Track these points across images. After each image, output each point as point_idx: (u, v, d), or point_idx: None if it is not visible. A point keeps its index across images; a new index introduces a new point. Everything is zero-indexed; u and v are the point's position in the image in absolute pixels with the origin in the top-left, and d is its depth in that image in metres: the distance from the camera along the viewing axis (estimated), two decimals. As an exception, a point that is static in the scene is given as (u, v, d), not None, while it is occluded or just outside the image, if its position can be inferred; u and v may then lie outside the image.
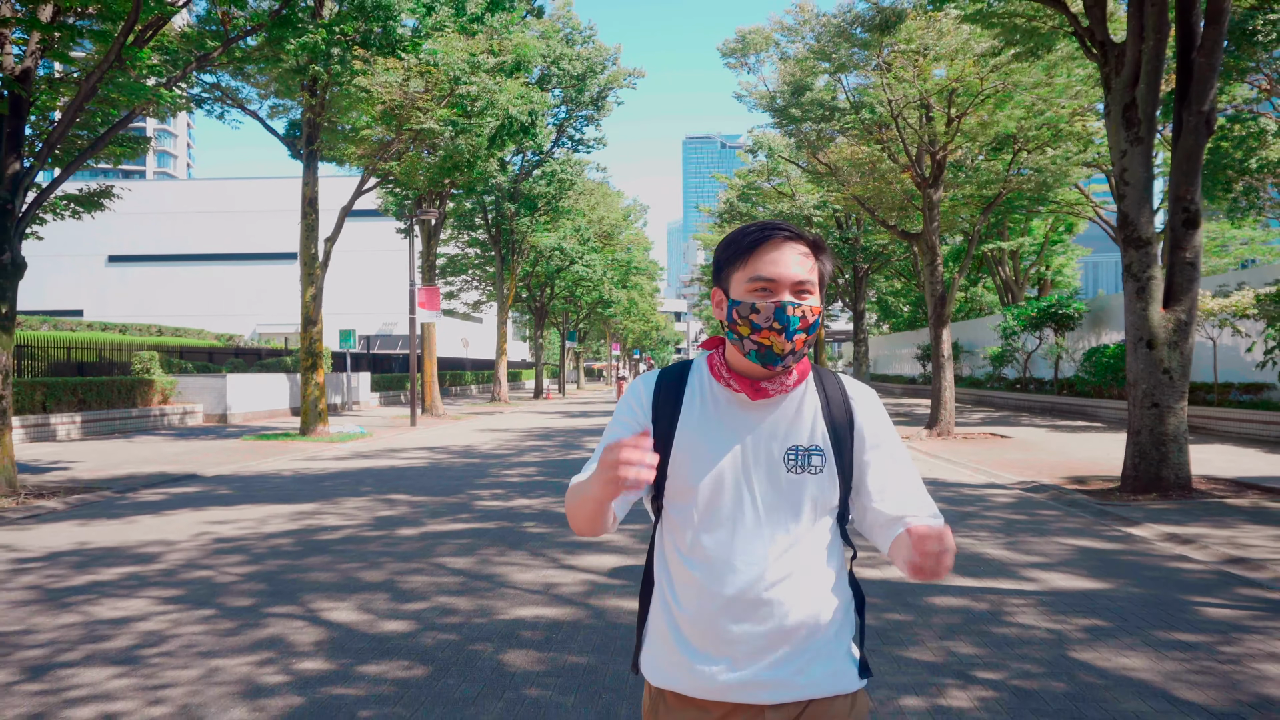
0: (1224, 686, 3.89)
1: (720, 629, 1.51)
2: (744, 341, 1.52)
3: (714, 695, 1.51)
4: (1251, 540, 7.04)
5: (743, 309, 1.51)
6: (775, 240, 1.52)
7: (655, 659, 1.59)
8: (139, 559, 6.69)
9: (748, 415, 1.56)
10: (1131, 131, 9.90)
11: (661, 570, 1.62)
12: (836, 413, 1.60)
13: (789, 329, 1.49)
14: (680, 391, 1.60)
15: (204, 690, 3.89)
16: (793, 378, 1.57)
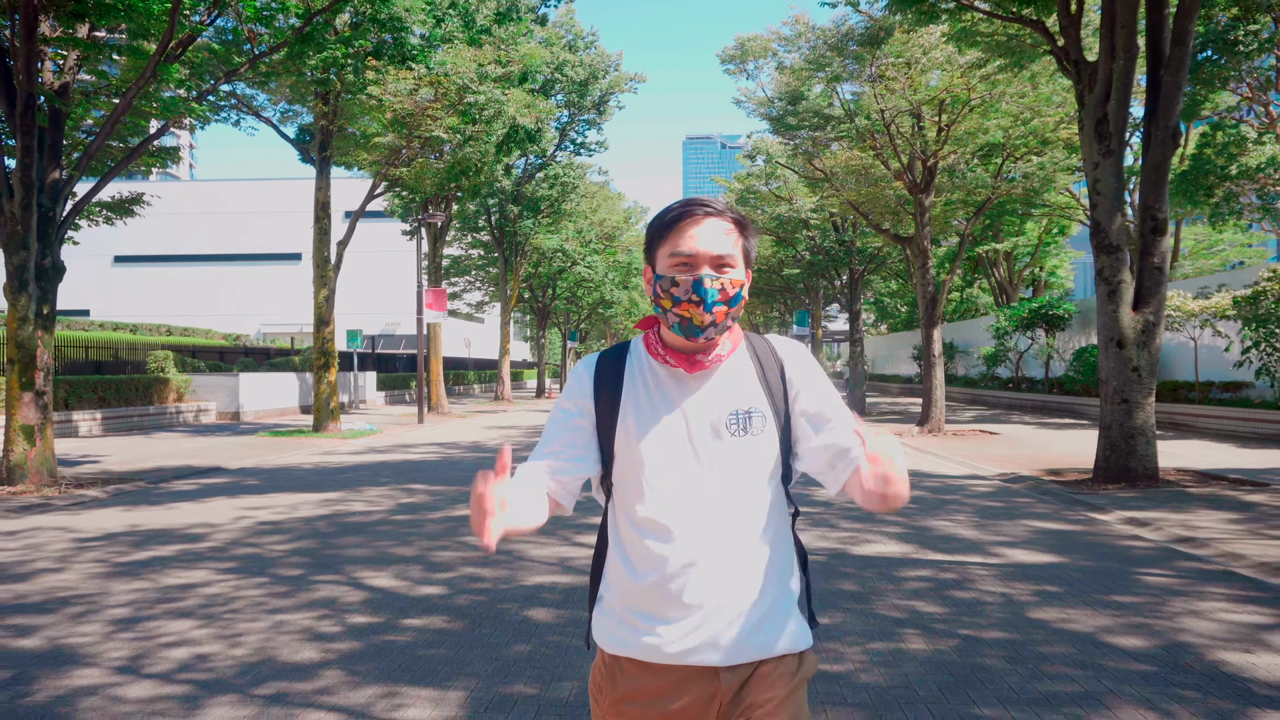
0: (1145, 634, 4.56)
1: (672, 595, 1.55)
2: (667, 315, 1.57)
3: (670, 660, 1.56)
4: (1202, 523, 7.71)
5: (664, 283, 1.56)
6: (695, 217, 1.55)
7: (610, 628, 1.63)
8: (189, 538, 7.37)
9: (686, 387, 1.61)
10: (1103, 145, 10.57)
11: (614, 544, 1.65)
12: (769, 372, 1.65)
13: (707, 301, 1.52)
14: (620, 371, 1.65)
15: (275, 637, 4.57)
16: (725, 347, 1.62)
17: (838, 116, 19.20)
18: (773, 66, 22.71)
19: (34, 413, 10.80)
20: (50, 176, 10.97)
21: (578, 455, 1.62)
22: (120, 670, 4.09)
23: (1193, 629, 4.67)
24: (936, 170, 18.73)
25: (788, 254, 33.31)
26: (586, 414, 1.63)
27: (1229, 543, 6.87)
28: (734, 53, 25.35)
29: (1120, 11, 10.25)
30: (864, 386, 30.17)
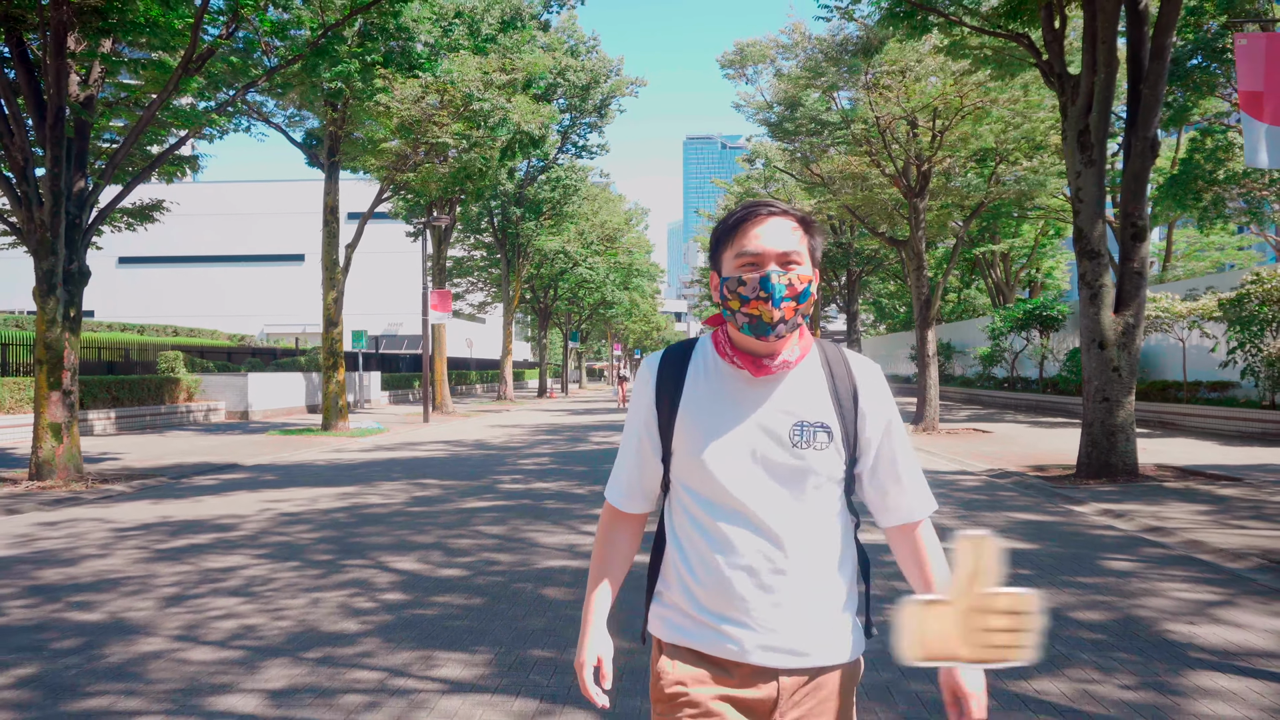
0: (1103, 609, 5.03)
1: (734, 597, 1.54)
2: (736, 316, 1.55)
3: (731, 656, 1.55)
4: (1173, 514, 8.19)
5: (731, 284, 1.55)
6: (759, 216, 1.55)
7: (672, 616, 1.62)
8: (220, 528, 7.85)
9: (753, 391, 1.59)
10: (1085, 155, 11.05)
11: (673, 542, 1.64)
12: (841, 388, 1.62)
13: (774, 296, 1.51)
14: (683, 369, 1.64)
15: (314, 611, 5.05)
16: (795, 354, 1.60)
17: (834, 123, 19.67)
18: (771, 73, 23.18)
19: (61, 411, 11.27)
20: (76, 185, 11.46)
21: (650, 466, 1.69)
22: (179, 638, 4.57)
23: (1147, 605, 5.14)
24: (931, 175, 19.20)
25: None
26: (651, 418, 1.66)
27: (1194, 532, 7.35)
28: (734, 58, 25.83)
29: (1101, 28, 10.72)
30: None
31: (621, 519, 1.73)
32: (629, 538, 1.74)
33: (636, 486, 1.70)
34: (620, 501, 1.72)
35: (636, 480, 1.70)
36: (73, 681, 3.95)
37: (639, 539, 1.76)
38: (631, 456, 1.70)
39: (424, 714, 3.53)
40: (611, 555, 1.73)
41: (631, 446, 1.70)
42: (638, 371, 1.73)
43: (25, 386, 18.17)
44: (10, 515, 8.84)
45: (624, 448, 1.72)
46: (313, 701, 3.67)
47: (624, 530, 1.74)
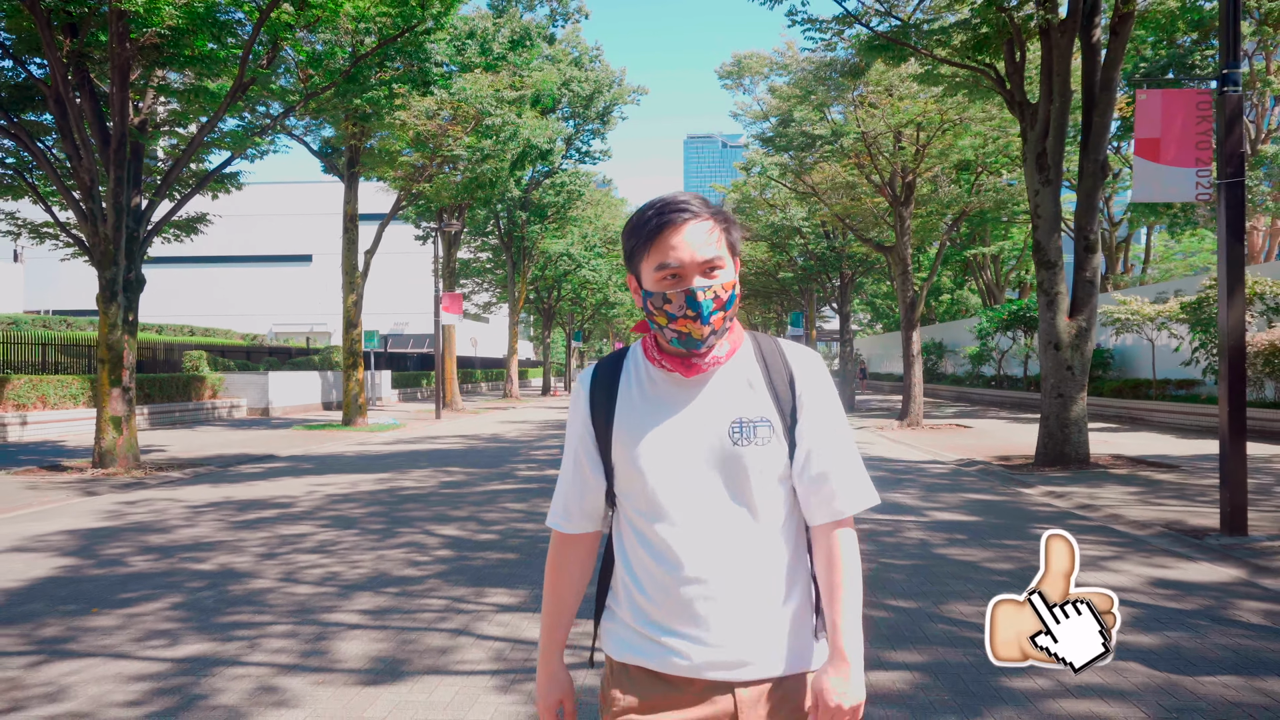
0: (1013, 562, 6.27)
1: (682, 610, 1.49)
2: (664, 330, 1.50)
3: (683, 673, 1.50)
4: (1106, 494, 9.43)
5: (656, 300, 1.49)
6: (675, 224, 1.46)
7: (621, 635, 1.57)
8: (280, 505, 9.10)
9: (685, 392, 1.54)
10: (1043, 175, 12.28)
11: (620, 556, 1.60)
12: (777, 379, 1.56)
13: (703, 314, 1.46)
14: (615, 381, 1.59)
15: (380, 563, 6.30)
16: (724, 349, 1.54)
17: (824, 136, 20.89)
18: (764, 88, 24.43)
19: (122, 405, 12.53)
20: (133, 201, 12.70)
21: (592, 484, 1.61)
22: (282, 579, 5.82)
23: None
24: (915, 185, 20.44)
25: (782, 259, 35.04)
26: (588, 434, 1.60)
27: (1118, 508, 8.59)
28: (731, 69, 27.10)
29: (1056, 61, 11.95)
30: (854, 384, 31.92)
31: (569, 543, 1.65)
32: (579, 563, 1.66)
33: (577, 506, 1.62)
34: (563, 524, 1.64)
35: (577, 500, 1.62)
36: (212, 606, 5.21)
37: (591, 563, 1.67)
38: (570, 476, 1.63)
39: (484, 624, 4.78)
40: (563, 583, 1.65)
41: (569, 466, 1.63)
42: (573, 389, 1.66)
43: (66, 384, 19.42)
44: (91, 496, 10.09)
45: (563, 469, 1.65)
46: (399, 617, 4.93)
47: (573, 555, 1.65)
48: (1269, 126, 23.40)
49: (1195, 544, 6.88)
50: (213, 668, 4.10)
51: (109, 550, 6.90)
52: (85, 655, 4.31)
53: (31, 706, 3.65)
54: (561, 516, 1.64)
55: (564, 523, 1.64)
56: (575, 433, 1.62)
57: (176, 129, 15.21)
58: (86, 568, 6.28)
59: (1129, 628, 4.58)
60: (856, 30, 13.68)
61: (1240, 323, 7.19)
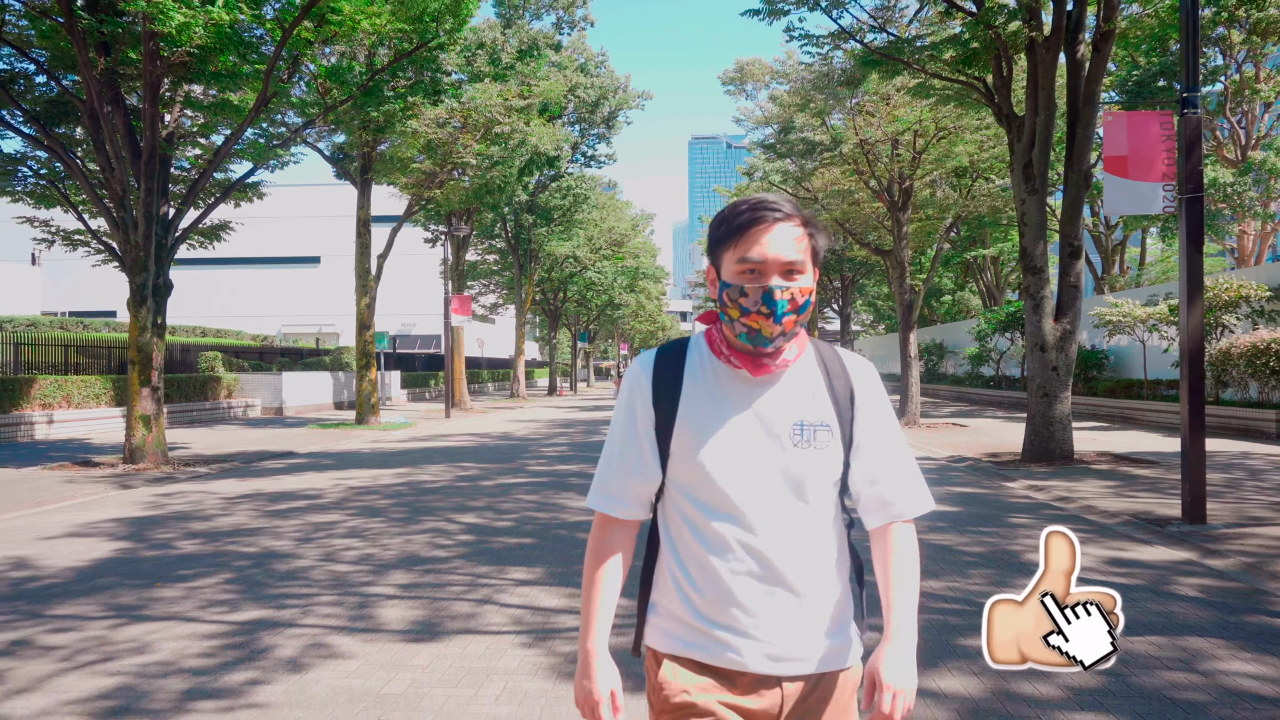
0: (985, 546, 6.86)
1: (734, 604, 1.52)
2: (734, 324, 1.52)
3: (734, 665, 1.53)
4: (1084, 488, 10.00)
5: (732, 292, 1.51)
6: (765, 223, 1.49)
7: (670, 627, 1.59)
8: (308, 497, 9.72)
9: (750, 391, 1.56)
10: (1029, 184, 12.85)
11: (669, 548, 1.61)
12: (838, 387, 1.60)
13: (777, 313, 1.48)
14: (680, 370, 1.59)
15: (409, 546, 6.91)
16: (793, 352, 1.58)
17: (823, 143, 21.48)
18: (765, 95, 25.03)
19: (151, 404, 13.18)
20: (162, 210, 13.34)
21: (650, 469, 1.60)
22: (321, 560, 6.44)
23: (1020, 544, 6.98)
24: (912, 191, 21.01)
25: (785, 261, 35.74)
26: (647, 420, 1.60)
27: (1093, 500, 9.16)
28: (734, 75, 27.73)
29: (1041, 76, 12.53)
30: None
31: (616, 528, 1.64)
32: (625, 549, 1.65)
33: (632, 491, 1.61)
34: (615, 508, 1.62)
35: (628, 484, 1.61)
36: (262, 580, 5.83)
37: (633, 550, 1.67)
38: (620, 460, 1.62)
39: (505, 595, 5.40)
40: (609, 570, 1.63)
41: (628, 449, 1.61)
42: (628, 372, 1.67)
43: (90, 384, 20.09)
44: (128, 489, 10.73)
45: (615, 451, 1.64)
46: (430, 590, 5.54)
47: (620, 540, 1.64)
48: (1259, 133, 23.94)
49: (1156, 531, 7.46)
50: (272, 629, 4.72)
51: (158, 535, 7.52)
52: (158, 619, 4.93)
53: (122, 658, 4.27)
54: (616, 500, 1.62)
55: (619, 507, 1.62)
56: (633, 416, 1.61)
57: (199, 140, 15.86)
58: (141, 550, 6.91)
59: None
60: (851, 45, 14.26)
61: (1199, 327, 7.76)
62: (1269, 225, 23.88)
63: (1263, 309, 17.54)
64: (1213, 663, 4.09)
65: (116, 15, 11.86)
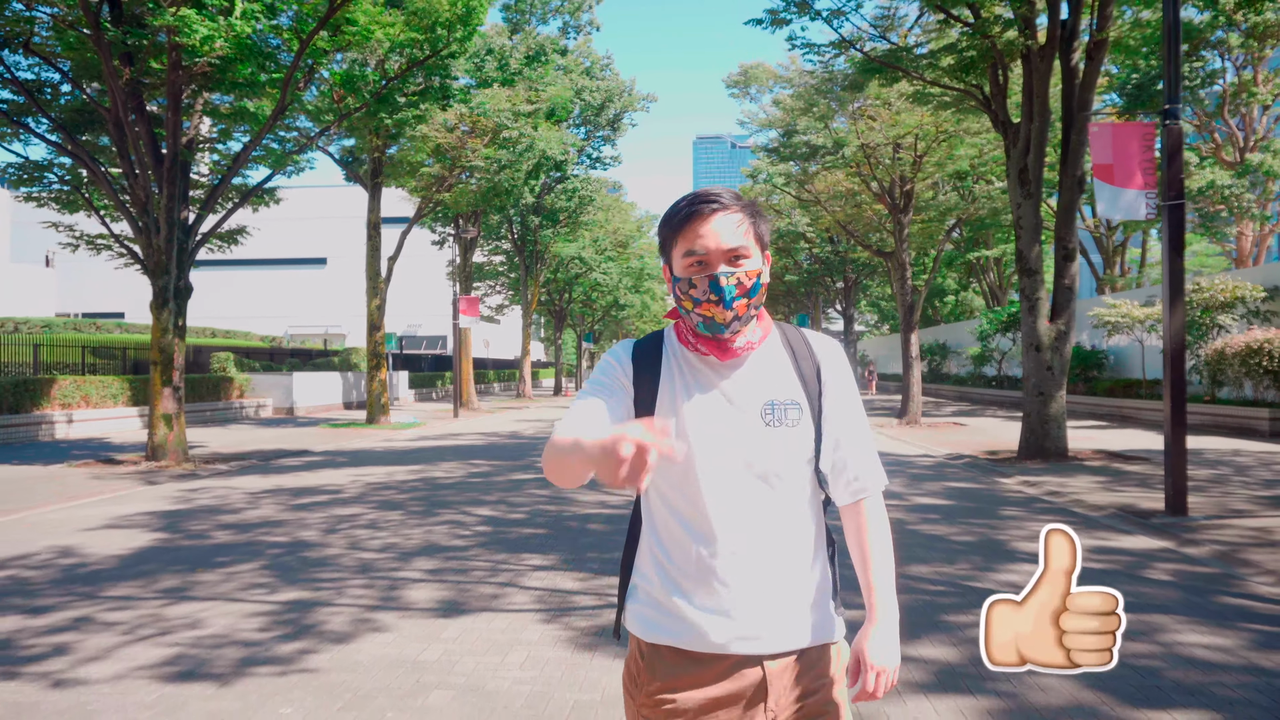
0: (974, 535, 7.24)
1: (712, 583, 1.55)
2: (691, 315, 1.58)
3: (711, 648, 1.55)
4: (1075, 483, 10.37)
5: (683, 285, 1.57)
6: (703, 215, 1.54)
7: (647, 615, 1.62)
8: (329, 492, 10.14)
9: (719, 375, 1.61)
10: (1025, 189, 13.22)
11: (650, 531, 1.66)
12: (804, 366, 1.65)
13: (726, 299, 1.53)
14: (658, 359, 1.65)
15: (430, 535, 7.32)
16: (755, 334, 1.63)
17: (825, 147, 21.87)
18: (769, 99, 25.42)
19: (172, 404, 13.60)
20: (182, 215, 13.77)
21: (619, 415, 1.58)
22: (348, 548, 6.85)
23: (1007, 534, 7.36)
24: (913, 194, 21.38)
25: (788, 262, 36.02)
26: (625, 387, 1.63)
27: (1082, 494, 9.53)
28: (738, 78, 28.13)
29: (1035, 84, 12.90)
30: (863, 384, 32.83)
31: None
32: None
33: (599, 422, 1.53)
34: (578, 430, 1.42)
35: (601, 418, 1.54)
36: (296, 566, 6.24)
37: None
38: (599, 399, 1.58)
39: (524, 578, 5.80)
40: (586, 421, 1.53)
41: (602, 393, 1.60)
42: (607, 355, 1.69)
43: (107, 384, 20.55)
44: (153, 485, 11.15)
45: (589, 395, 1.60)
46: (453, 574, 5.94)
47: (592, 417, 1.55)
48: (1257, 135, 24.26)
49: (1140, 522, 7.83)
50: (311, 608, 5.13)
51: (191, 526, 7.94)
52: (205, 599, 5.35)
53: (179, 632, 4.68)
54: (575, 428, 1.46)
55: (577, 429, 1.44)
56: (611, 380, 1.62)
57: (216, 146, 16.30)
58: (177, 540, 7.33)
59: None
60: (851, 54, 14.64)
61: (1180, 329, 8.13)
62: (1266, 226, 24.20)
63: (1258, 309, 17.88)
64: (1173, 635, 4.47)
65: (139, 26, 12.30)
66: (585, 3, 30.44)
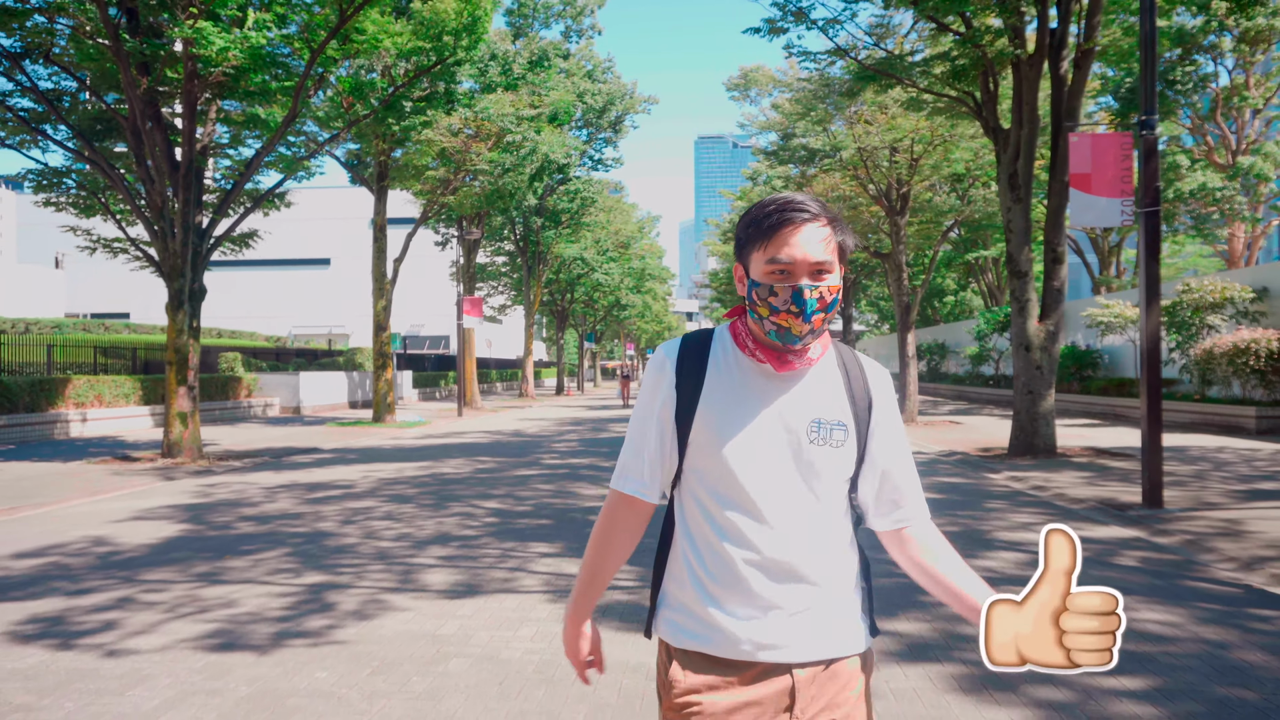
0: (959, 525, 7.63)
1: (746, 594, 1.56)
2: (764, 322, 1.56)
3: (741, 655, 1.56)
4: (1060, 478, 10.75)
5: (761, 291, 1.55)
6: (794, 224, 1.53)
7: (679, 621, 1.62)
8: (342, 487, 10.55)
9: (772, 385, 1.60)
10: (1014, 193, 13.61)
11: (684, 535, 1.65)
12: (856, 389, 1.65)
13: (806, 311, 1.52)
14: (704, 360, 1.64)
15: (441, 526, 7.72)
16: (817, 351, 1.62)
17: (823, 150, 22.27)
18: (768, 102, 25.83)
19: (187, 402, 14.01)
20: (197, 219, 14.19)
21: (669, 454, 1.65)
22: (364, 537, 7.25)
23: (990, 523, 7.75)
24: (909, 197, 21.77)
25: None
26: (670, 404, 1.63)
27: (1066, 488, 9.92)
28: (739, 81, 28.54)
29: (1025, 91, 13.29)
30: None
31: (634, 510, 1.69)
32: (634, 530, 1.70)
33: (649, 472, 1.66)
34: (640, 490, 1.67)
35: (650, 466, 1.66)
36: (317, 554, 6.64)
37: (640, 534, 1.71)
38: (648, 440, 1.66)
39: (532, 564, 6.20)
40: (614, 546, 1.70)
41: (651, 433, 1.66)
42: (653, 358, 1.71)
43: (120, 384, 20.97)
44: (172, 481, 11.56)
45: (639, 435, 1.68)
46: (465, 560, 6.35)
47: (634, 523, 1.70)
48: (1248, 138, 24.63)
49: (1117, 514, 8.22)
50: (334, 590, 5.53)
51: (214, 519, 8.35)
52: (236, 583, 5.75)
53: (215, 610, 5.08)
54: (643, 483, 1.66)
55: (644, 489, 1.66)
56: (656, 400, 1.65)
57: (228, 152, 16.72)
58: (202, 531, 7.74)
59: (1024, 565, 5.96)
60: (846, 62, 15.03)
61: (1156, 330, 8.53)
62: (1257, 228, 24.58)
63: (1246, 310, 18.24)
64: (1131, 613, 4.84)
65: (155, 37, 12.72)
66: (587, 7, 30.85)
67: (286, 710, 3.59)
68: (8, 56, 12.75)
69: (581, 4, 30.56)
